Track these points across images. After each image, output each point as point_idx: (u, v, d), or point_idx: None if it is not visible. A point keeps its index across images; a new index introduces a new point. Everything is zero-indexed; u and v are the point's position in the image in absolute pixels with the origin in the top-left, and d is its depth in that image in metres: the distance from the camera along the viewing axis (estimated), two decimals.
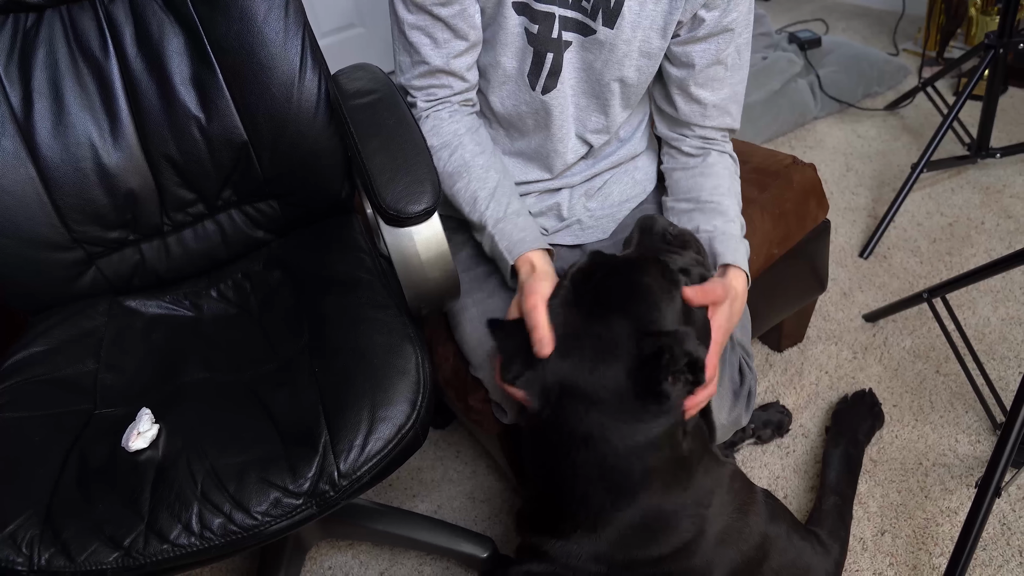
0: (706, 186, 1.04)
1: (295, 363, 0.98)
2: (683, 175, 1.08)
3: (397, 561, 1.31)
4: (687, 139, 1.08)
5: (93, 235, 1.10)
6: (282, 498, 0.84)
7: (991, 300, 1.56)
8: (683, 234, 0.97)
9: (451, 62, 0.99)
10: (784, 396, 1.46)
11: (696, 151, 1.08)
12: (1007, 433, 1.07)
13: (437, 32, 0.96)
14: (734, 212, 1.03)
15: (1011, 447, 1.06)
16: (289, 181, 1.16)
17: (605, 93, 1.00)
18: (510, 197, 1.00)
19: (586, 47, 0.97)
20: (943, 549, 1.18)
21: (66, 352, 1.05)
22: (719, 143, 1.08)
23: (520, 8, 0.95)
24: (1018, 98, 2.16)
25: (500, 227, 0.97)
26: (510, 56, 0.98)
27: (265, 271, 1.17)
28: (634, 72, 0.98)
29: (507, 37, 0.96)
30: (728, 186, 1.05)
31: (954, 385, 1.42)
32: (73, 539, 0.81)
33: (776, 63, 2.22)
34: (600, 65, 0.98)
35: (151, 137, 1.09)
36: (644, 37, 0.95)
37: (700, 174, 1.06)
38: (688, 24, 0.96)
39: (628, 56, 0.96)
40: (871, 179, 1.97)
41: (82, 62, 1.07)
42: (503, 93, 1.03)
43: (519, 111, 1.03)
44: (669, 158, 1.11)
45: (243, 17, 1.06)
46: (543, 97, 1.00)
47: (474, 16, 0.96)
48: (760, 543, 0.92)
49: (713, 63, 0.99)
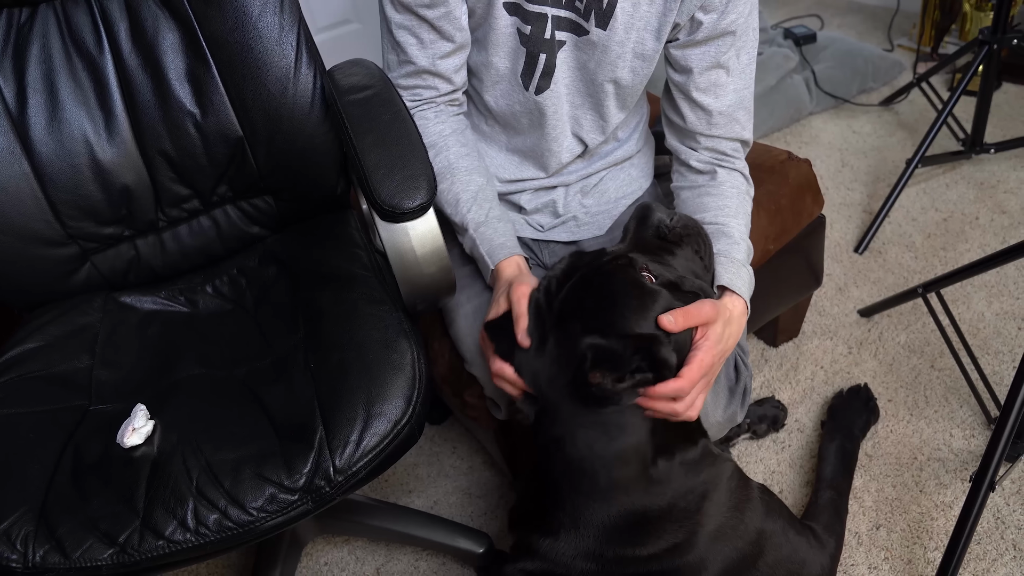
0: (711, 206, 1.00)
1: (290, 359, 0.97)
2: (690, 194, 1.04)
3: (393, 557, 1.31)
4: (696, 152, 1.03)
5: (88, 231, 1.09)
6: (277, 494, 0.84)
7: (985, 295, 1.57)
8: (683, 226, 0.92)
9: (437, 63, 0.99)
10: (779, 391, 1.46)
11: (705, 167, 1.03)
12: (1001, 427, 1.07)
13: (423, 33, 0.96)
14: (739, 234, 0.99)
15: (1005, 441, 1.07)
16: (284, 177, 1.16)
17: (599, 94, 1.00)
18: (492, 202, 1.01)
19: (580, 47, 0.97)
20: (938, 543, 1.19)
21: (61, 348, 1.04)
22: (730, 159, 1.03)
23: (512, 9, 0.94)
24: (1012, 94, 2.16)
25: (481, 231, 0.99)
26: (502, 57, 0.98)
27: (261, 267, 1.17)
28: (628, 73, 0.97)
29: (499, 38, 0.96)
30: (736, 206, 1.01)
31: (948, 380, 1.42)
32: (68, 535, 0.80)
33: (771, 59, 2.22)
34: (594, 65, 0.97)
35: (146, 132, 1.08)
36: (638, 39, 0.95)
37: (706, 193, 1.02)
38: (686, 27, 0.95)
39: (622, 57, 0.95)
40: (866, 174, 1.98)
41: (76, 57, 1.07)
42: (497, 93, 1.03)
43: (513, 111, 1.03)
44: (678, 176, 1.07)
45: (238, 12, 1.05)
46: (536, 97, 1.00)
47: (460, 19, 0.95)
48: (756, 539, 0.92)
49: (713, 67, 0.96)
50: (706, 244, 0.94)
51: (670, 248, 0.91)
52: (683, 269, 0.90)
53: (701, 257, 0.93)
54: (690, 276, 0.89)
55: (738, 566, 0.90)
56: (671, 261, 0.89)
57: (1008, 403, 1.08)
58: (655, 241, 0.91)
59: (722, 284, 0.93)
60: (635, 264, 0.84)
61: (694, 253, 0.92)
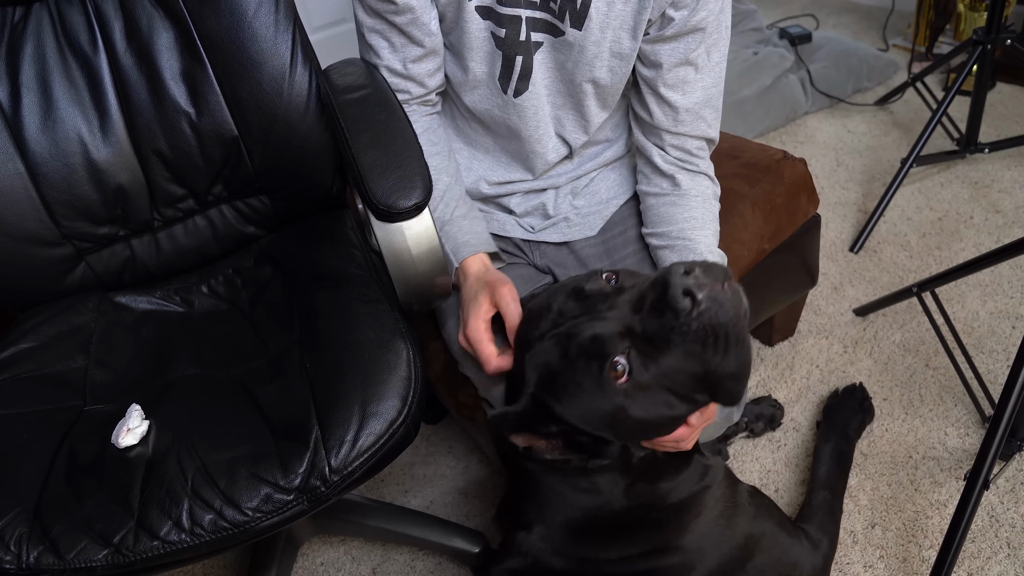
0: (678, 218, 1.00)
1: (286, 358, 0.97)
2: (656, 202, 1.04)
3: (389, 557, 1.31)
4: (662, 151, 1.02)
5: (82, 231, 1.09)
6: (273, 494, 0.83)
7: (980, 294, 1.57)
8: (703, 325, 0.69)
9: (409, 67, 0.99)
10: (775, 390, 1.46)
11: (669, 168, 1.02)
12: (995, 426, 1.08)
13: (393, 37, 0.97)
14: (706, 247, 0.98)
15: (999, 440, 1.07)
16: (280, 176, 1.15)
17: (579, 94, 1.00)
18: (458, 200, 1.02)
19: (557, 48, 0.96)
20: (932, 541, 1.19)
21: (55, 348, 1.04)
22: (695, 159, 1.02)
23: (485, 12, 0.94)
24: (1006, 93, 2.17)
25: (446, 230, 0.99)
26: (479, 61, 0.98)
27: (256, 266, 1.17)
28: (606, 73, 0.97)
29: (473, 42, 0.96)
30: (702, 216, 1.00)
31: (943, 379, 1.43)
32: (62, 536, 0.80)
33: (767, 58, 2.22)
34: (571, 66, 0.97)
35: (141, 132, 1.08)
36: (614, 37, 0.94)
37: (672, 203, 1.01)
38: (657, 23, 0.94)
39: (599, 57, 0.95)
40: (861, 174, 1.98)
41: (71, 57, 1.06)
42: (476, 97, 1.03)
43: (493, 114, 1.03)
44: (643, 177, 1.06)
45: (233, 12, 1.05)
46: (516, 100, 0.99)
47: (429, 24, 0.95)
48: (743, 543, 0.93)
49: (682, 63, 0.96)
50: (726, 346, 0.70)
51: (674, 340, 0.70)
52: (673, 375, 0.72)
53: (706, 362, 0.71)
54: (677, 387, 0.73)
55: (725, 570, 0.90)
56: (665, 358, 0.71)
57: (1002, 402, 1.08)
58: (660, 327, 0.71)
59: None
60: (611, 354, 0.71)
61: (699, 357, 0.71)
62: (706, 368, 0.71)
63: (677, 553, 0.87)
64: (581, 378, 0.72)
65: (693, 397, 0.74)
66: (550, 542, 0.88)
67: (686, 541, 0.88)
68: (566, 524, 0.87)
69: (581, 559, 0.87)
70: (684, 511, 0.88)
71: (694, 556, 0.88)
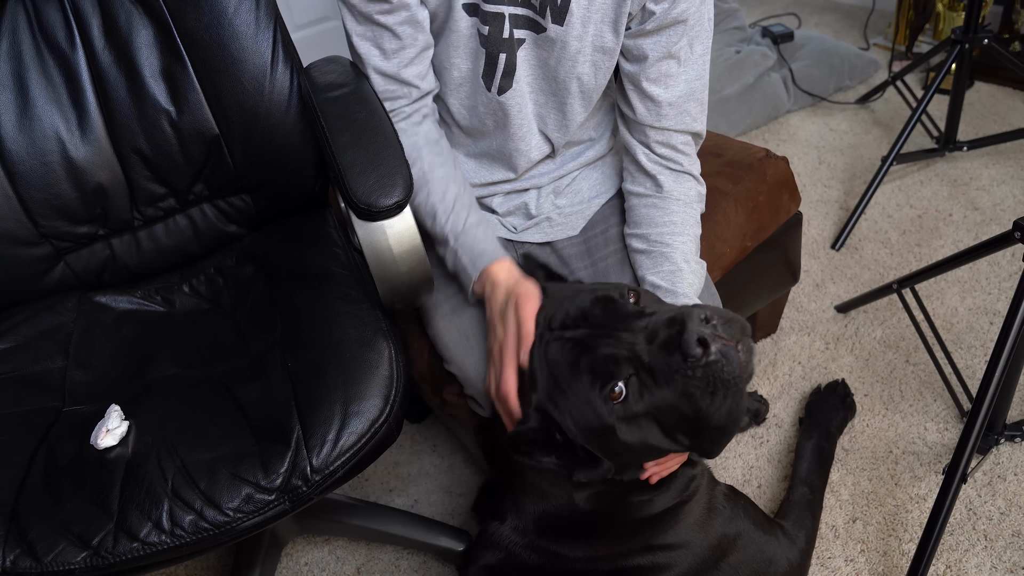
0: (658, 221, 1.00)
1: (267, 358, 0.97)
2: (638, 202, 1.04)
3: (374, 556, 1.31)
4: (647, 149, 1.02)
5: (61, 230, 1.08)
6: (254, 494, 0.83)
7: (959, 290, 1.59)
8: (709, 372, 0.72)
9: (401, 71, 0.98)
10: (758, 387, 1.47)
11: (653, 168, 1.01)
12: (973, 420, 1.09)
13: (384, 42, 0.96)
14: (682, 256, 0.97)
15: (976, 434, 1.09)
16: (261, 175, 1.15)
17: (562, 91, 1.00)
18: (468, 208, 1.00)
19: (539, 44, 0.96)
20: (912, 535, 1.20)
21: (33, 349, 1.03)
22: (681, 156, 1.01)
23: (471, 10, 0.94)
24: (984, 92, 2.19)
25: (461, 241, 0.97)
26: (463, 58, 0.98)
27: (238, 266, 1.16)
28: (590, 68, 0.97)
29: (459, 40, 0.96)
30: (681, 222, 1.00)
31: (923, 374, 1.44)
32: (40, 539, 0.79)
33: (749, 57, 2.24)
34: (554, 63, 0.97)
35: (120, 130, 1.07)
36: (596, 32, 0.94)
37: (653, 206, 1.01)
38: (639, 16, 0.94)
39: (582, 52, 0.95)
40: (843, 172, 2.00)
41: (48, 54, 1.05)
42: (460, 95, 1.02)
43: (477, 113, 1.03)
44: (628, 176, 1.06)
45: (213, 9, 1.05)
46: (499, 98, 0.99)
47: (423, 22, 0.95)
48: (717, 544, 0.94)
49: (664, 57, 0.95)
50: (723, 399, 0.72)
51: (675, 380, 0.73)
52: (664, 410, 0.75)
53: (697, 408, 0.73)
54: (663, 422, 0.76)
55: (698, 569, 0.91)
56: (661, 392, 0.74)
57: (980, 396, 1.09)
58: (666, 364, 0.73)
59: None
60: (615, 377, 0.74)
61: (693, 400, 0.73)
62: (696, 413, 0.73)
63: (650, 554, 0.88)
64: (584, 391, 0.76)
65: (675, 437, 0.77)
66: (522, 534, 0.89)
67: (660, 543, 0.89)
68: (538, 517, 0.88)
69: (552, 554, 0.88)
70: (660, 520, 0.90)
71: (667, 557, 0.89)
